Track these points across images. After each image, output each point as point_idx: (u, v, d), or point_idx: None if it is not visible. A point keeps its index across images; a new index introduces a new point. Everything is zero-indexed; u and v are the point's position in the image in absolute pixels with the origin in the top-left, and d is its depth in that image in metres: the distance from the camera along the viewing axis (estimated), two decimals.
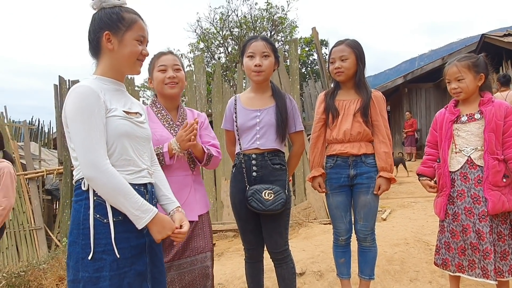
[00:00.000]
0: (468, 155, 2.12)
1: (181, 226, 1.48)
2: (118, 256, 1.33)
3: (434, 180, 2.32)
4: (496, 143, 2.05)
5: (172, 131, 1.97)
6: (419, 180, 2.39)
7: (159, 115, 2.00)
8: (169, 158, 1.88)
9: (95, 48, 1.46)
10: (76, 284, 1.33)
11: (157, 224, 1.38)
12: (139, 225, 1.34)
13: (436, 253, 2.28)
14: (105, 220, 1.34)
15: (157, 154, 1.78)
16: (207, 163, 2.02)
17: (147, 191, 1.47)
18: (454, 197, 2.16)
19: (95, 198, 1.35)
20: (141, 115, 1.53)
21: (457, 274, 2.18)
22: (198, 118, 2.05)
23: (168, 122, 1.99)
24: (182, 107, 2.10)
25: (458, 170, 2.15)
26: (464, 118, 2.16)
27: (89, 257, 1.31)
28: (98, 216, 1.34)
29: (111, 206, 1.34)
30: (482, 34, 10.09)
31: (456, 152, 2.16)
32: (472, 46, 10.83)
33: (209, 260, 1.93)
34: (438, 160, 2.27)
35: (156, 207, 1.52)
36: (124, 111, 1.43)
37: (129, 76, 5.94)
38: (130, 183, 1.36)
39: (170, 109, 2.04)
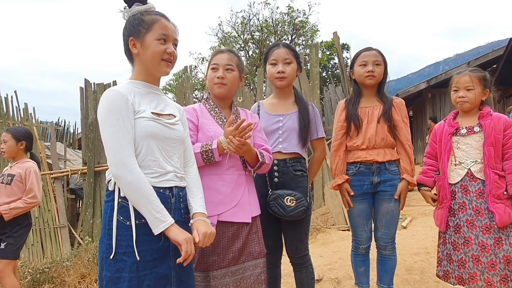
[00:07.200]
0: (468, 167, 2.12)
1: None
2: (138, 258, 1.36)
3: (434, 192, 2.30)
4: (495, 156, 2.06)
5: None
6: (419, 190, 2.34)
7: (212, 112, 1.96)
8: (219, 155, 1.80)
9: (128, 55, 1.53)
10: (101, 282, 1.39)
11: (173, 233, 1.37)
12: (155, 231, 1.36)
13: (438, 265, 2.27)
14: (127, 223, 1.37)
15: (206, 151, 1.77)
16: (258, 169, 1.95)
17: (172, 194, 1.48)
18: (455, 209, 2.15)
19: (119, 200, 1.39)
20: (174, 116, 1.55)
21: (457, 286, 2.16)
22: (252, 119, 2.01)
23: (221, 120, 1.94)
24: (236, 106, 2.06)
25: (458, 182, 2.15)
26: (463, 131, 2.17)
27: (111, 257, 1.36)
28: (121, 218, 1.38)
29: (134, 209, 1.38)
30: (510, 38, 9.76)
31: (456, 165, 2.16)
32: (499, 51, 10.49)
33: (263, 266, 1.87)
34: (438, 172, 2.26)
35: (185, 210, 1.54)
36: (153, 113, 1.45)
37: None
38: (154, 187, 1.39)
39: (223, 108, 2.00)
